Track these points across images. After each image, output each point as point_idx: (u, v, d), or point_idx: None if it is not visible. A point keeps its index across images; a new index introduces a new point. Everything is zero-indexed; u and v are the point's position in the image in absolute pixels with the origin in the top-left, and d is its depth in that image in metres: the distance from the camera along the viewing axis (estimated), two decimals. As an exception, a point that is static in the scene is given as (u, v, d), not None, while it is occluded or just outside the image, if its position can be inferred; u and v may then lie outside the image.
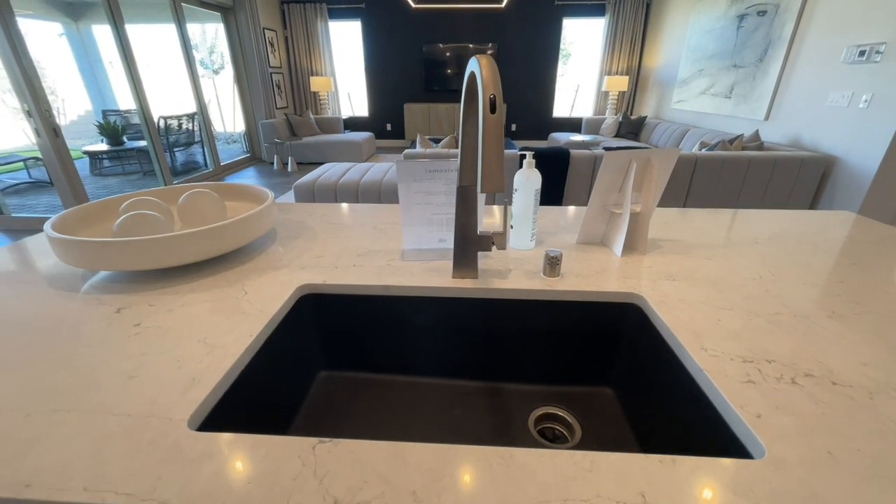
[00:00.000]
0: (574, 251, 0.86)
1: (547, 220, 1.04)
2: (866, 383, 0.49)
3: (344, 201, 3.15)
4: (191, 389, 0.47)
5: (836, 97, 2.87)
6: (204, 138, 5.16)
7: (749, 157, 2.87)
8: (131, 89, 3.98)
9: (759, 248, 0.88)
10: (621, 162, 0.79)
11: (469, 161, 0.66)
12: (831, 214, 1.09)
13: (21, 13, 2.87)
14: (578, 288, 0.71)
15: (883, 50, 2.55)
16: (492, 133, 0.49)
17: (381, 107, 6.95)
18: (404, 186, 0.79)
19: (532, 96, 6.72)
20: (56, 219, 0.76)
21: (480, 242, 0.71)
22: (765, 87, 3.53)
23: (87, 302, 0.67)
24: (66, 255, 0.68)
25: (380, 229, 0.99)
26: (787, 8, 3.29)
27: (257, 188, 0.99)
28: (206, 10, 5.05)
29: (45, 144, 3.03)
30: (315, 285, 0.73)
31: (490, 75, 0.49)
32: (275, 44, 6.15)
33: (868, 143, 2.66)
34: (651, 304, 0.66)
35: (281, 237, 0.95)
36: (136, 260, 0.68)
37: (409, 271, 0.77)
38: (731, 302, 0.66)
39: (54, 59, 6.45)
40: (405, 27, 6.38)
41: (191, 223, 0.90)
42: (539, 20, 6.24)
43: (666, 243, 0.90)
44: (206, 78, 6.63)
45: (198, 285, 0.72)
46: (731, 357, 0.53)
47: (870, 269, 0.78)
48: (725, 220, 1.06)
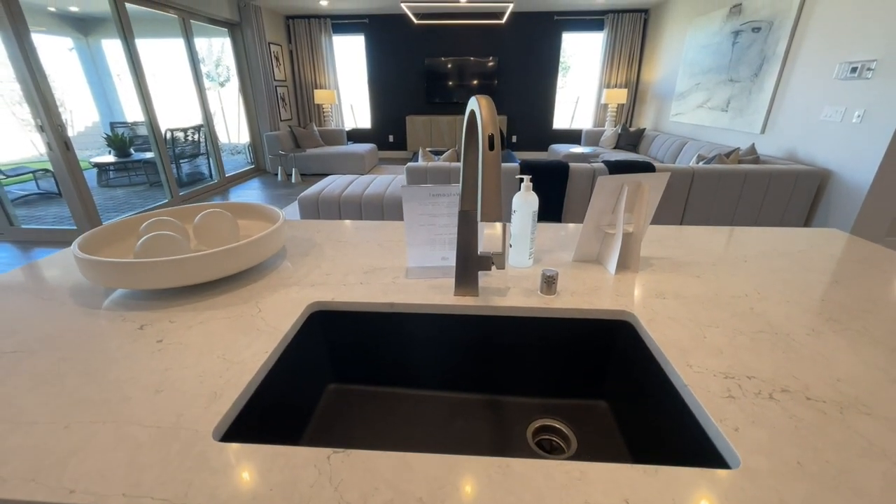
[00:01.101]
0: (570, 269, 0.90)
1: (544, 238, 1.08)
2: (838, 398, 0.52)
3: (347, 213, 3.21)
4: (213, 403, 0.52)
5: (830, 112, 2.93)
6: (209, 150, 5.26)
7: (745, 171, 2.92)
8: (140, 102, 4.07)
9: (747, 266, 0.92)
10: (614, 186, 0.83)
11: (470, 187, 0.71)
12: (818, 232, 1.13)
13: (35, 30, 2.96)
14: (574, 306, 0.75)
15: (874, 67, 2.61)
16: (491, 168, 0.53)
17: (384, 119, 7.06)
18: (409, 208, 0.84)
19: (532, 108, 6.82)
20: (82, 239, 0.81)
21: (481, 262, 0.75)
22: (760, 101, 3.60)
23: (111, 319, 0.71)
24: (94, 274, 0.72)
25: (384, 247, 1.03)
26: (780, 25, 3.37)
27: (268, 207, 1.04)
28: (213, 26, 5.18)
29: (57, 158, 3.10)
30: (324, 302, 0.77)
31: (489, 115, 0.54)
32: (280, 57, 6.28)
33: (862, 157, 2.71)
34: (642, 322, 0.70)
35: (291, 254, 0.99)
36: (158, 279, 0.73)
37: (414, 289, 0.81)
38: (717, 320, 0.70)
39: (64, 72, 6.59)
40: (407, 41, 6.51)
41: (205, 241, 0.94)
42: (539, 34, 6.36)
43: (658, 261, 0.94)
44: (211, 90, 6.76)
45: (215, 302, 0.76)
46: (714, 373, 0.57)
47: (850, 286, 0.82)
48: (716, 237, 1.10)
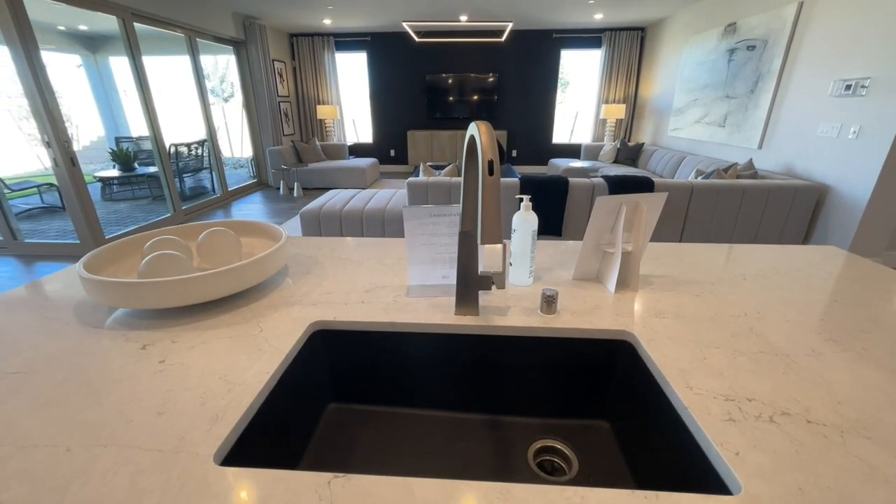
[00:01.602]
0: (570, 287, 0.91)
1: (544, 256, 1.09)
2: (839, 422, 0.52)
3: (349, 228, 3.23)
4: (215, 426, 0.52)
5: (826, 128, 2.97)
6: (212, 164, 5.31)
7: (744, 186, 2.94)
8: (145, 117, 4.13)
9: (745, 284, 0.92)
10: (612, 205, 0.84)
11: (470, 208, 0.72)
12: (817, 250, 1.14)
13: (44, 48, 3.03)
14: (574, 325, 0.75)
15: (868, 84, 2.66)
16: (490, 192, 0.54)
17: (385, 133, 7.15)
18: (411, 228, 0.85)
19: (532, 123, 6.91)
20: (87, 258, 0.82)
21: (481, 282, 0.76)
22: (757, 117, 3.65)
23: (114, 338, 0.72)
24: (99, 294, 0.73)
25: (386, 264, 1.04)
26: (774, 43, 3.44)
27: (271, 226, 1.05)
28: (219, 44, 5.29)
29: (63, 173, 3.14)
30: (326, 322, 0.78)
31: (488, 141, 0.56)
32: (283, 74, 6.39)
33: (859, 172, 2.74)
34: (642, 342, 0.70)
35: (293, 272, 1.00)
36: (162, 299, 0.73)
37: (415, 308, 0.82)
38: (716, 340, 0.71)
39: (71, 88, 6.71)
40: (409, 58, 6.63)
41: (208, 260, 0.95)
42: (538, 51, 6.48)
43: (657, 279, 0.95)
44: (215, 105, 6.86)
45: (217, 321, 0.77)
46: (715, 395, 0.57)
47: (849, 305, 0.83)
48: (715, 255, 1.11)
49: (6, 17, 2.74)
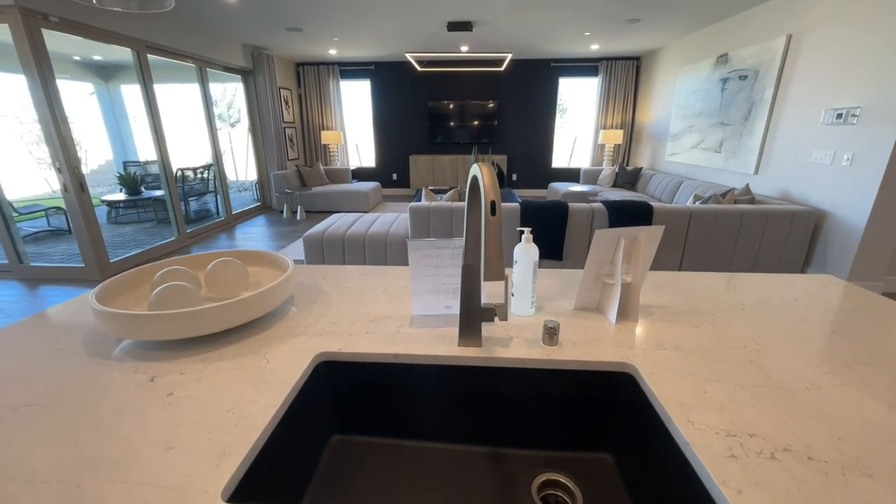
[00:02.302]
0: (571, 317, 0.92)
1: (545, 284, 1.11)
2: (840, 459, 0.53)
3: (351, 252, 3.26)
4: (222, 461, 0.52)
5: (820, 155, 3.03)
6: (217, 187, 5.40)
7: (741, 211, 2.98)
8: (154, 142, 4.23)
9: (744, 315, 0.94)
10: (611, 238, 0.87)
11: (473, 242, 0.74)
12: (814, 279, 1.16)
13: (60, 76, 3.14)
14: (576, 357, 0.76)
15: (858, 113, 2.73)
16: (492, 231, 0.57)
17: (388, 158, 7.29)
18: (415, 260, 0.87)
19: (531, 148, 7.05)
20: (98, 289, 0.84)
21: (484, 314, 0.77)
22: (752, 143, 3.73)
23: (122, 370, 0.73)
24: (111, 325, 0.75)
25: (389, 293, 1.06)
26: (765, 74, 3.55)
27: (277, 255, 1.07)
28: (228, 73, 5.47)
29: (71, 198, 3.20)
30: (331, 353, 0.79)
31: (490, 182, 0.58)
32: (289, 101, 6.57)
33: (855, 198, 2.78)
34: (643, 374, 0.71)
35: (298, 301, 1.02)
36: (171, 331, 0.75)
37: (418, 338, 0.83)
38: (716, 373, 0.71)
39: (83, 114, 6.90)
40: (411, 86, 6.83)
41: (216, 290, 0.97)
42: (536, 79, 6.68)
43: (657, 310, 0.96)
44: (222, 130, 7.04)
45: (224, 353, 0.78)
46: (716, 431, 0.58)
47: (847, 337, 0.84)
48: (714, 284, 1.12)
49: (26, 49, 2.86)
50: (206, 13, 4.06)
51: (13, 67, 2.99)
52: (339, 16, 4.13)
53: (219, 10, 3.94)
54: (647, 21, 4.27)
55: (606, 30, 4.66)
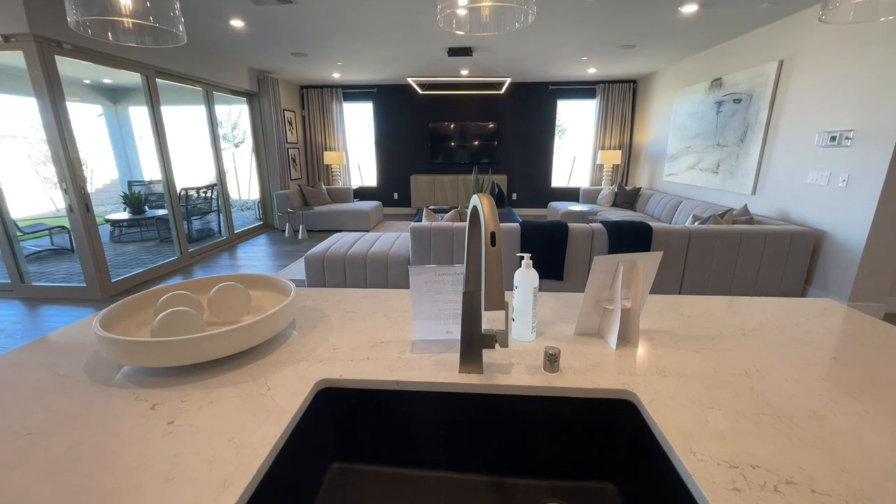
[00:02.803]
0: (572, 343, 0.92)
1: (546, 309, 1.11)
2: (844, 492, 0.53)
3: (352, 272, 3.27)
4: (222, 493, 0.52)
5: (816, 176, 3.07)
6: (220, 206, 5.46)
7: (740, 231, 3.00)
8: (159, 162, 4.30)
9: (745, 340, 0.94)
10: (610, 264, 0.88)
11: (473, 269, 0.75)
12: (814, 303, 1.16)
13: (70, 99, 3.22)
14: (577, 384, 0.76)
15: (852, 136, 2.78)
16: (492, 262, 0.58)
17: (389, 177, 7.38)
18: (416, 286, 0.88)
19: (531, 167, 7.14)
20: (102, 315, 0.84)
21: (485, 341, 0.78)
22: (748, 164, 3.78)
23: (124, 397, 0.73)
24: (112, 352, 0.75)
25: (390, 317, 1.06)
26: (759, 97, 3.63)
27: (280, 279, 1.08)
28: (234, 95, 5.60)
29: (76, 218, 3.23)
30: (332, 380, 0.79)
31: (490, 214, 0.60)
32: (293, 122, 6.70)
33: (852, 219, 2.80)
34: (644, 402, 0.71)
35: (300, 325, 1.02)
36: (174, 357, 0.75)
37: (419, 365, 0.83)
38: (718, 400, 0.71)
39: (90, 134, 7.03)
40: (412, 108, 6.98)
41: (219, 314, 0.98)
42: (535, 102, 6.82)
43: (658, 335, 0.96)
44: (226, 150, 7.15)
45: (225, 379, 0.78)
46: (719, 462, 0.58)
47: (848, 364, 0.84)
48: (714, 308, 1.13)
49: (39, 74, 2.94)
50: (214, 39, 4.19)
51: (25, 91, 3.07)
52: (342, 42, 4.25)
53: (226, 36, 4.06)
54: (642, 47, 4.40)
55: (603, 55, 4.79)
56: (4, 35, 2.84)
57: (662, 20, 3.48)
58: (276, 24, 3.63)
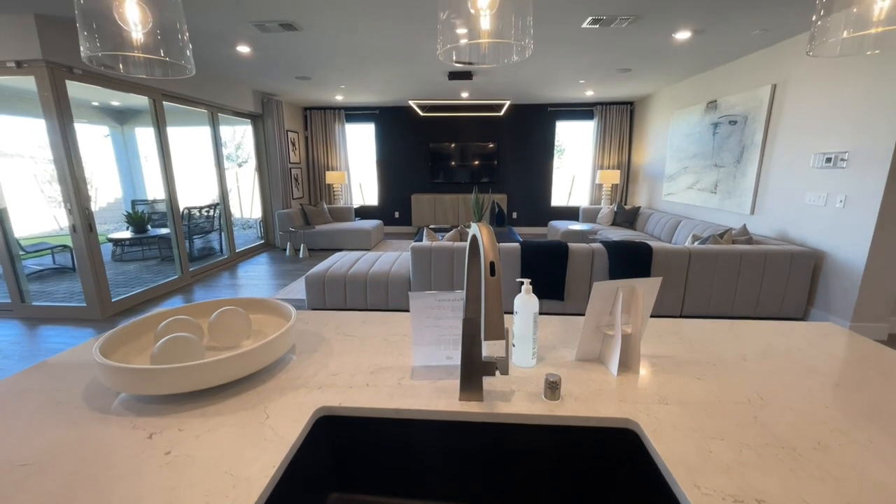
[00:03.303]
0: (573, 369, 0.92)
1: (546, 333, 1.11)
2: (851, 528, 0.52)
3: (352, 291, 3.26)
4: (218, 529, 0.51)
5: (813, 197, 3.09)
6: (222, 225, 5.49)
7: (741, 251, 3.01)
8: (163, 182, 4.35)
9: (747, 366, 0.93)
10: (609, 290, 0.88)
11: (473, 296, 0.76)
12: (816, 328, 1.16)
13: (78, 121, 3.28)
14: (578, 413, 0.76)
15: (847, 158, 2.82)
16: (492, 292, 0.58)
17: (390, 196, 7.44)
18: (416, 311, 0.88)
19: (530, 186, 7.21)
20: (102, 342, 0.85)
21: (485, 368, 0.77)
22: (746, 185, 3.82)
23: (121, 425, 0.72)
24: (112, 380, 0.75)
25: (391, 342, 1.06)
26: (754, 119, 3.70)
27: (280, 303, 1.08)
28: (238, 117, 5.72)
29: (79, 238, 3.25)
30: (331, 407, 0.78)
31: (489, 243, 0.61)
32: (296, 143, 6.81)
33: (852, 239, 2.81)
34: (646, 432, 0.70)
35: (299, 350, 1.02)
36: (174, 385, 0.75)
37: (419, 392, 0.82)
38: (721, 430, 0.71)
39: (96, 154, 7.14)
40: (414, 129, 7.10)
41: (219, 339, 0.98)
42: (534, 123, 6.94)
43: (659, 360, 0.96)
44: (230, 170, 7.24)
45: (223, 407, 0.77)
46: (723, 496, 0.57)
47: (852, 390, 0.83)
48: (715, 332, 1.12)
49: (49, 98, 3.01)
50: (221, 64, 4.31)
51: (34, 112, 3.14)
52: (346, 66, 4.37)
53: (233, 61, 4.18)
54: (638, 70, 4.50)
55: (600, 78, 4.90)
56: (17, 61, 2.92)
57: (657, 46, 3.58)
58: (281, 49, 3.74)
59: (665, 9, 2.76)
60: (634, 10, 2.78)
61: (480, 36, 0.81)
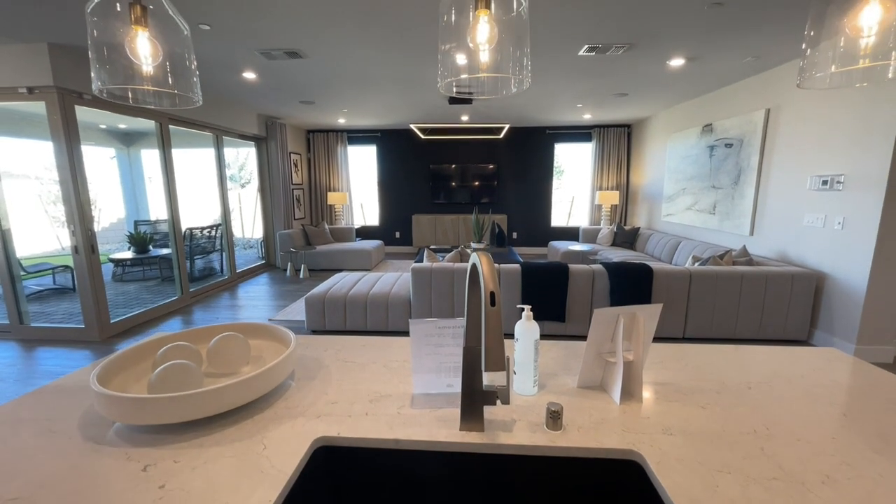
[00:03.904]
0: (575, 397, 0.90)
1: (547, 359, 1.10)
2: (865, 569, 0.50)
3: (353, 313, 3.25)
4: (212, 569, 0.50)
5: (811, 219, 3.11)
6: (224, 246, 5.51)
7: (741, 273, 3.00)
8: (167, 203, 4.39)
9: (752, 394, 0.92)
10: (610, 317, 0.88)
11: (474, 324, 0.76)
12: (819, 353, 1.15)
13: (85, 143, 3.34)
14: (581, 444, 0.74)
15: (843, 180, 2.85)
16: (492, 322, 0.58)
17: (391, 217, 7.50)
18: (416, 338, 0.88)
19: (530, 207, 7.26)
20: (100, 368, 0.84)
21: (486, 397, 0.76)
22: (744, 206, 3.85)
23: (115, 457, 0.71)
24: (107, 409, 0.74)
25: (391, 368, 1.05)
26: (749, 143, 3.76)
27: (280, 329, 1.08)
28: (242, 140, 5.82)
29: (81, 259, 3.26)
30: (330, 437, 0.77)
31: (489, 273, 0.61)
32: (299, 164, 6.91)
33: (852, 261, 2.81)
34: (650, 464, 0.69)
35: (298, 376, 1.01)
36: (168, 415, 0.74)
37: (419, 421, 0.81)
38: (727, 463, 0.69)
39: (101, 175, 7.24)
40: (414, 150, 7.21)
41: (218, 365, 0.97)
42: (533, 145, 7.06)
43: (662, 387, 0.95)
44: (232, 190, 7.32)
45: (221, 437, 0.76)
46: (731, 534, 0.55)
47: (859, 420, 0.81)
48: (718, 358, 1.11)
49: (58, 122, 3.08)
50: (227, 89, 4.41)
51: (41, 135, 3.20)
52: (349, 91, 4.47)
53: (239, 86, 4.28)
54: (634, 95, 4.61)
55: (597, 102, 5.01)
56: (29, 87, 3.00)
57: (652, 72, 3.67)
58: (286, 75, 3.84)
59: (658, 37, 2.85)
60: (629, 38, 2.87)
61: (480, 69, 0.83)
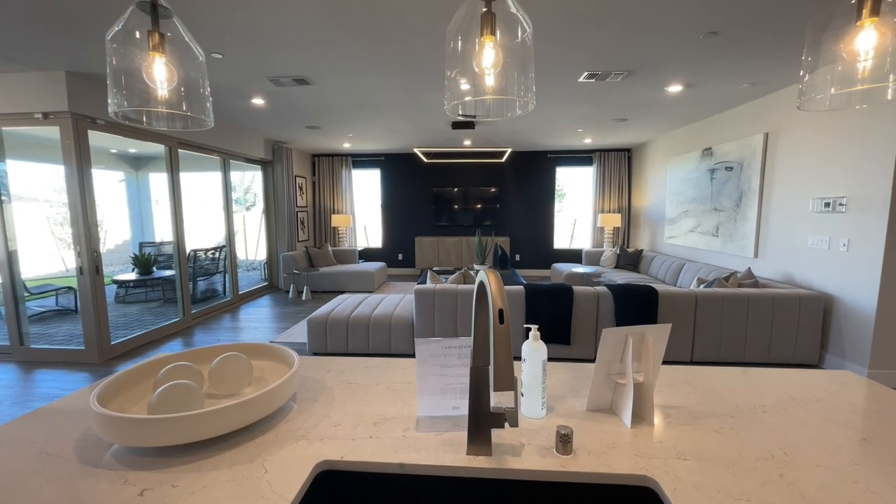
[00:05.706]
0: (585, 420, 0.88)
1: (555, 381, 1.08)
2: None
3: (355, 335, 3.21)
4: None
5: (816, 240, 3.10)
6: (227, 267, 5.52)
7: (748, 295, 2.97)
8: (172, 225, 4.44)
9: (766, 418, 0.89)
10: (618, 338, 0.87)
11: (481, 343, 0.75)
12: (833, 376, 1.12)
13: (96, 167, 3.40)
14: (592, 469, 0.72)
15: (845, 202, 2.86)
16: (501, 340, 0.58)
17: (394, 239, 7.53)
18: (422, 359, 0.86)
19: (533, 229, 7.29)
20: (100, 389, 0.83)
21: (493, 420, 0.75)
22: (747, 228, 3.85)
23: (112, 481, 0.69)
24: (105, 431, 0.72)
25: (394, 390, 1.03)
26: (749, 166, 3.79)
27: (283, 349, 1.07)
28: (249, 163, 5.93)
29: (85, 281, 3.27)
30: (332, 461, 0.75)
31: (497, 290, 0.61)
32: (303, 188, 7.01)
33: (859, 283, 2.78)
34: (666, 491, 0.66)
35: (300, 398, 0.99)
36: (167, 437, 0.72)
37: (424, 445, 0.79)
38: (746, 490, 0.66)
39: (109, 198, 7.35)
40: (418, 174, 7.32)
41: (219, 386, 0.95)
42: (535, 168, 7.15)
43: (674, 410, 0.92)
44: (237, 213, 7.40)
45: (220, 460, 0.74)
46: (754, 566, 0.52)
47: (880, 445, 0.79)
48: (728, 380, 1.08)
49: (70, 146, 3.15)
50: (235, 115, 4.53)
51: (53, 159, 3.27)
52: (354, 117, 4.58)
53: (246, 112, 4.40)
54: (634, 120, 4.70)
55: (597, 127, 5.11)
56: (45, 113, 3.09)
57: (651, 98, 3.76)
58: (293, 101, 3.95)
59: (656, 65, 2.93)
60: (627, 66, 2.95)
61: (485, 92, 0.85)
